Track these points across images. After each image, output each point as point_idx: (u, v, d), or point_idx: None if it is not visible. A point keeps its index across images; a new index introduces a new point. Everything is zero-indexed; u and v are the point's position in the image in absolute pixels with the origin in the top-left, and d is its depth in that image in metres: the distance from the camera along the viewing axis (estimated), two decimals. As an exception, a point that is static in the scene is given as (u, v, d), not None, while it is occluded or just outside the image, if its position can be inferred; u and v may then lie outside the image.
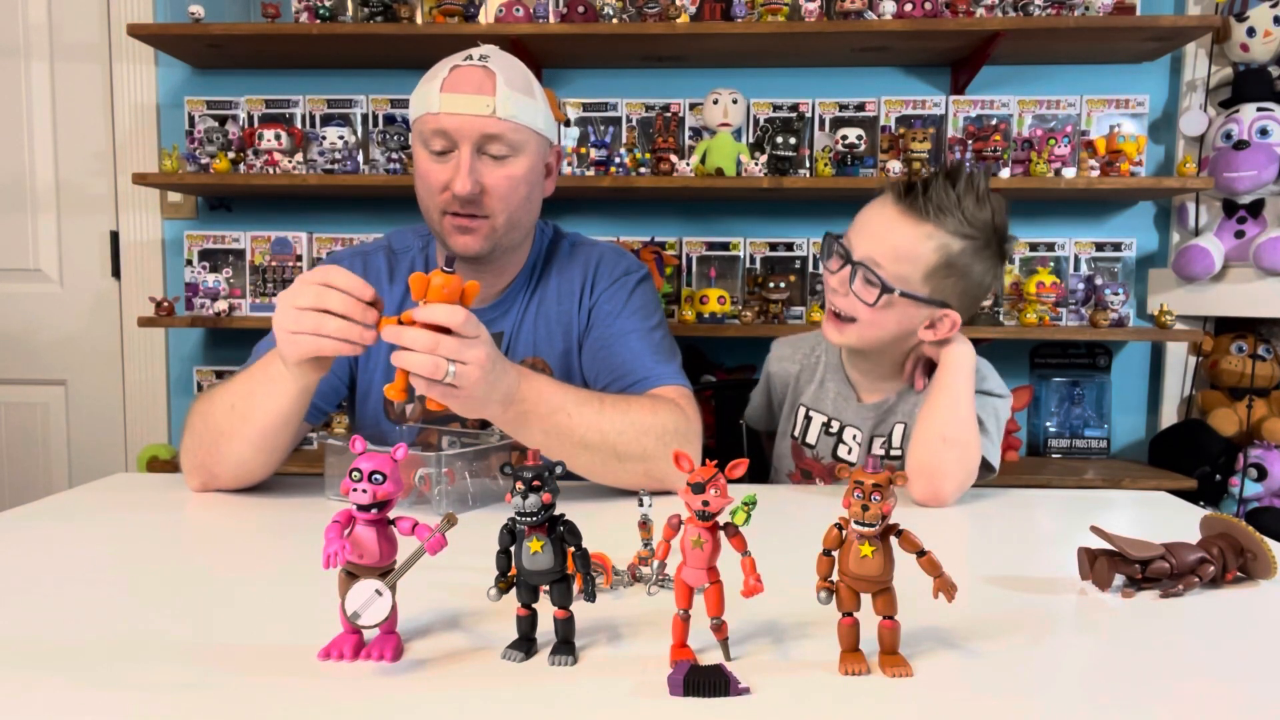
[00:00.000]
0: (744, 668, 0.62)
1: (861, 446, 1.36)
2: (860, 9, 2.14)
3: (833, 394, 1.39)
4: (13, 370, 2.61)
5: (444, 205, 1.18)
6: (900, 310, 1.22)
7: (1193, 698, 0.60)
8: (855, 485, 0.59)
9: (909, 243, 1.20)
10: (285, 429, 1.09)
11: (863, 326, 1.24)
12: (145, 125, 2.50)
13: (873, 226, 1.24)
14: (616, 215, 2.46)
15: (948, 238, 1.19)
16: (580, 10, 2.15)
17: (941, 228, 1.19)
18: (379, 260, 1.33)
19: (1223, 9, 2.25)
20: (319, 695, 0.58)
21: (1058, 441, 2.42)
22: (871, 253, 1.21)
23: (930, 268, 1.20)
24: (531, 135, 1.19)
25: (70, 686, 0.59)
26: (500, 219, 1.19)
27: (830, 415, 1.39)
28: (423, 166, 1.19)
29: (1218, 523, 0.85)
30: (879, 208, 1.25)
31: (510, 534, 0.64)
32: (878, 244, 1.21)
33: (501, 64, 1.17)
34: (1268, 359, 2.28)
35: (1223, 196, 2.28)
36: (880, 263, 1.20)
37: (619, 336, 1.27)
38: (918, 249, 1.20)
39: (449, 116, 1.14)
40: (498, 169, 1.17)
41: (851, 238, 1.25)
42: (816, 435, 1.41)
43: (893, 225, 1.21)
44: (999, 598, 0.79)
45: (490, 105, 1.14)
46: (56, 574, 0.84)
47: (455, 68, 1.16)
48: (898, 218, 1.21)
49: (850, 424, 1.37)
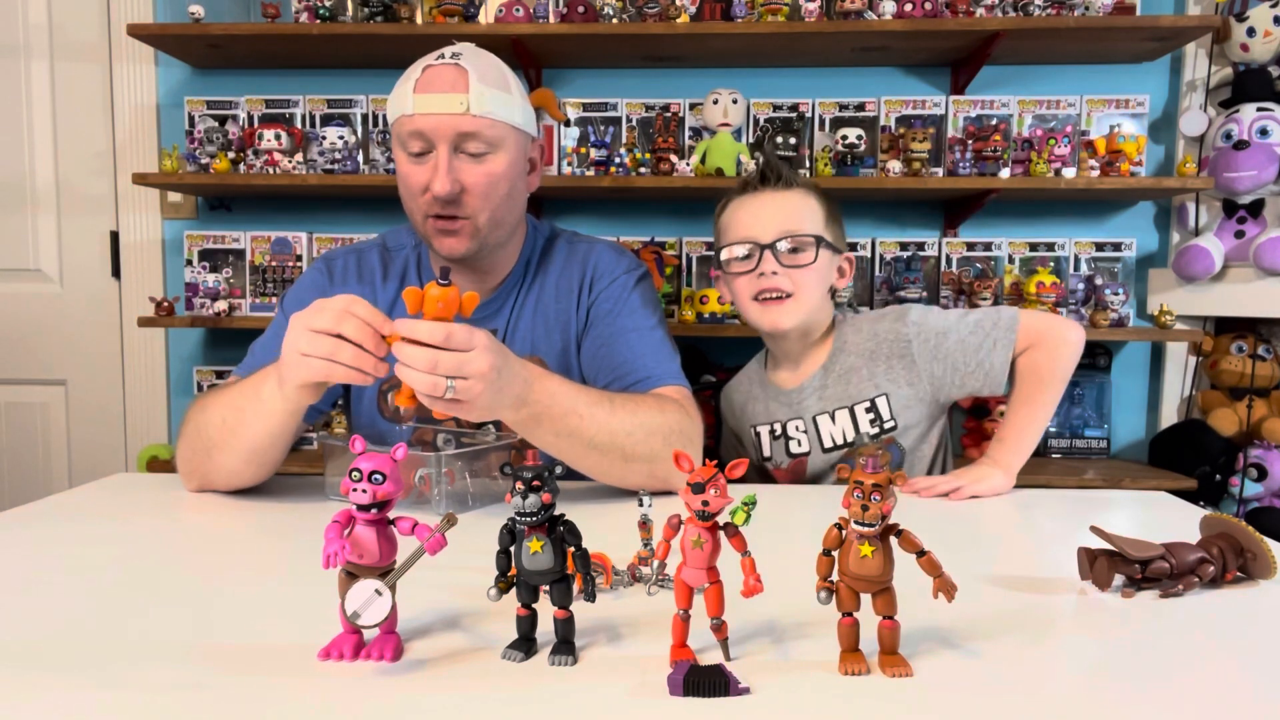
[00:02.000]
0: (744, 668, 0.62)
1: (809, 433, 1.40)
2: (860, 9, 2.14)
3: (765, 401, 1.46)
4: (13, 370, 2.61)
5: (426, 208, 1.17)
6: (822, 267, 1.33)
7: (1193, 698, 0.60)
8: (855, 485, 0.59)
9: (798, 204, 1.33)
10: (274, 446, 1.09)
11: (800, 298, 1.32)
12: (145, 125, 2.50)
13: (760, 211, 1.33)
14: (616, 215, 2.46)
15: (811, 194, 1.36)
16: (580, 10, 2.15)
17: (803, 188, 1.36)
18: (373, 258, 1.33)
19: (1223, 9, 2.25)
20: (319, 695, 0.58)
21: (1058, 441, 2.42)
22: (781, 227, 1.31)
23: (824, 219, 1.35)
24: (509, 131, 1.18)
25: (70, 686, 0.59)
26: (482, 217, 1.18)
27: (770, 421, 1.44)
28: (403, 169, 1.18)
29: (1218, 523, 0.85)
30: (750, 201, 1.35)
31: (510, 534, 0.65)
32: (779, 218, 1.32)
33: (474, 61, 1.16)
34: (1268, 359, 2.28)
35: (1223, 196, 2.28)
36: (792, 227, 1.31)
37: (619, 335, 1.27)
38: (807, 206, 1.34)
39: (423, 117, 1.13)
40: (476, 167, 1.16)
41: (743, 235, 1.33)
42: (769, 446, 1.45)
43: (775, 200, 1.33)
44: (999, 598, 0.79)
45: (464, 103, 1.12)
46: (56, 574, 0.84)
47: (428, 67, 1.14)
48: (773, 195, 1.34)
49: (789, 419, 1.41)
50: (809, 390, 1.40)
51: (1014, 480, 1.25)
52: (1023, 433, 1.28)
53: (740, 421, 1.50)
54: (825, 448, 1.39)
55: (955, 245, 2.34)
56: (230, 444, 1.08)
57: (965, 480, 1.22)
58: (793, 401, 1.41)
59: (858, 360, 1.37)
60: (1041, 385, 1.29)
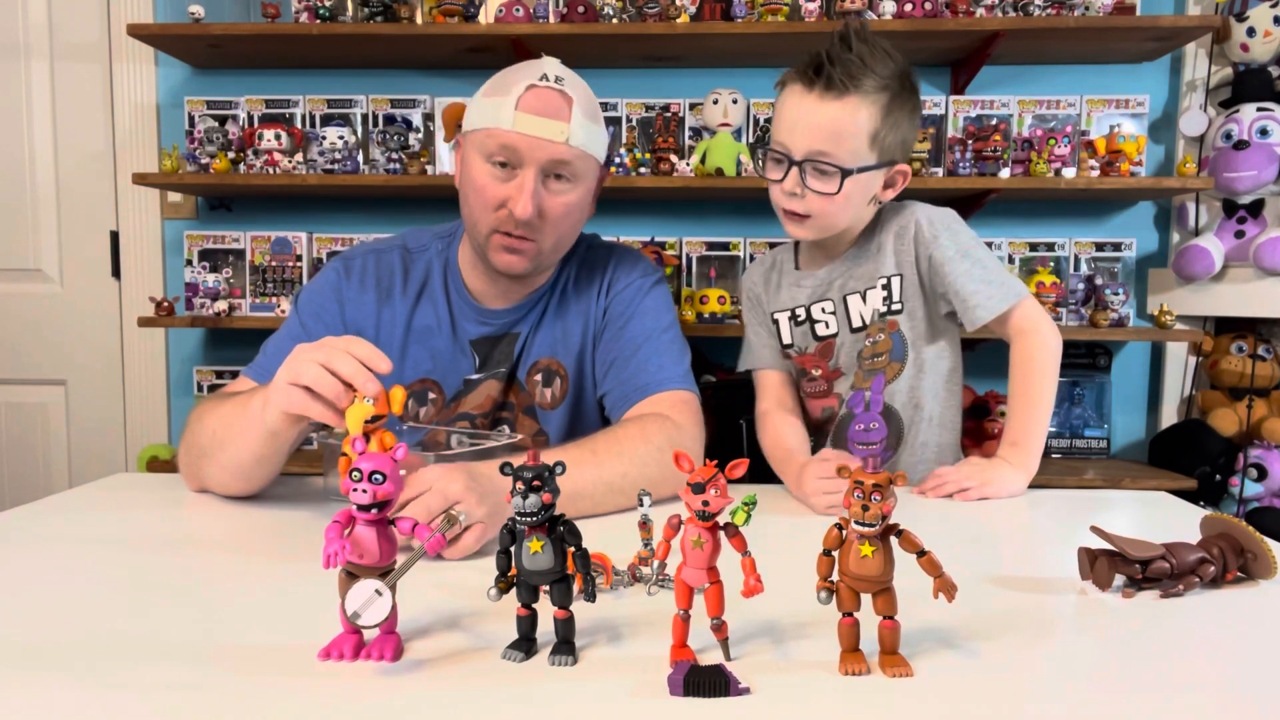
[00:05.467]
0: (744, 668, 0.62)
1: (838, 314, 1.35)
2: (860, 9, 2.14)
3: (788, 287, 1.40)
4: (13, 370, 2.61)
5: (496, 223, 1.17)
6: (860, 185, 1.24)
7: (1193, 698, 0.60)
8: (855, 485, 0.59)
9: (843, 121, 1.20)
10: (259, 466, 1.05)
11: (824, 215, 1.25)
12: (145, 125, 2.50)
13: (801, 119, 1.22)
14: (616, 215, 2.46)
15: (871, 102, 1.20)
16: (580, 10, 2.15)
17: (862, 94, 1.19)
18: (393, 259, 1.31)
19: (1223, 9, 2.25)
20: (319, 695, 0.58)
21: (1058, 441, 2.42)
22: (812, 146, 1.21)
23: (871, 134, 1.21)
24: (594, 164, 1.20)
25: (70, 686, 0.59)
26: (549, 243, 1.19)
27: (792, 306, 1.39)
28: (480, 180, 1.16)
29: (1218, 523, 0.85)
30: (798, 99, 1.23)
31: (510, 534, 0.64)
32: (814, 135, 1.21)
33: (576, 89, 1.16)
34: (1268, 359, 2.28)
35: (1223, 196, 2.28)
36: (825, 150, 1.20)
37: (628, 343, 1.27)
38: (853, 123, 1.20)
39: (522, 137, 1.12)
40: (558, 195, 1.16)
41: (782, 139, 1.24)
42: (789, 333, 1.40)
43: (819, 110, 1.20)
44: (999, 598, 0.79)
45: (565, 132, 1.13)
46: (56, 574, 0.84)
47: (532, 87, 1.13)
48: (820, 102, 1.20)
49: (813, 301, 1.37)
50: (838, 270, 1.35)
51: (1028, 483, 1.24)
52: (1033, 433, 1.26)
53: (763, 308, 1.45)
54: (854, 327, 1.35)
55: (955, 245, 2.33)
56: (218, 456, 1.07)
57: (976, 481, 1.20)
58: (820, 282, 1.36)
59: (885, 237, 1.33)
60: (1043, 376, 1.27)
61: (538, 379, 1.30)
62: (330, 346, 0.89)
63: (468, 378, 1.29)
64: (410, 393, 1.29)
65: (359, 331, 1.26)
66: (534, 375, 1.30)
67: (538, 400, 1.31)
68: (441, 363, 1.29)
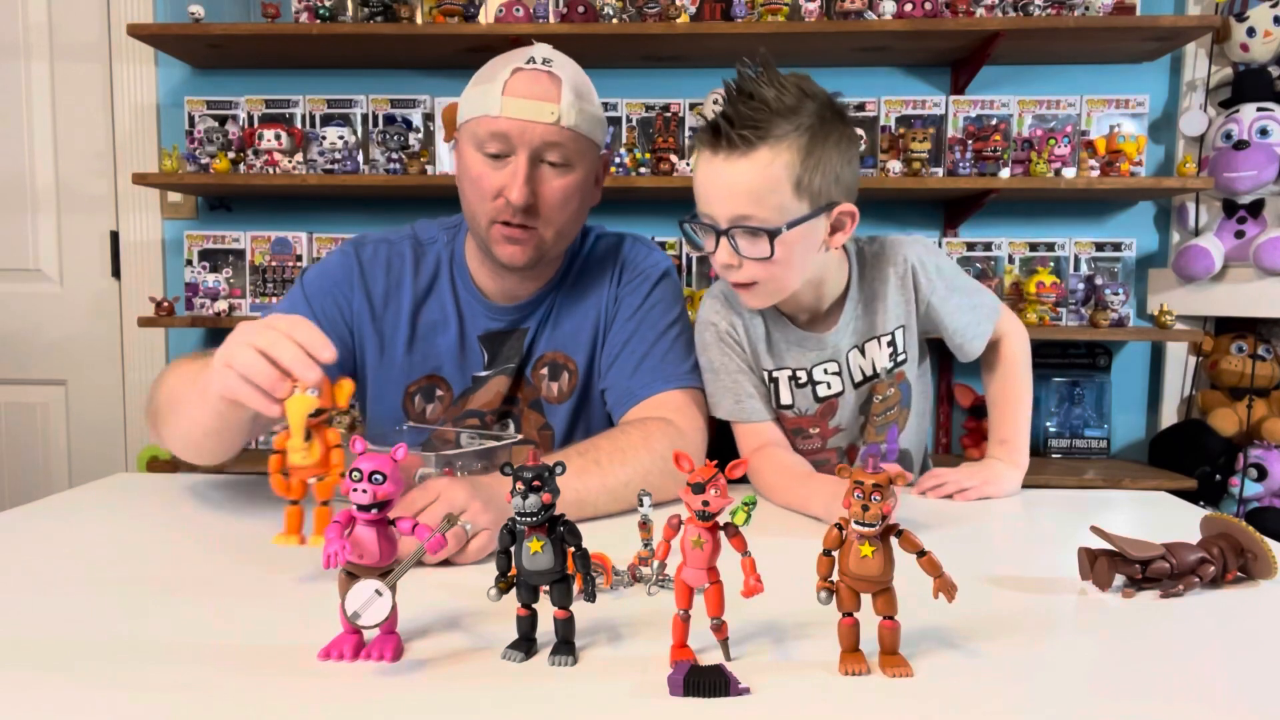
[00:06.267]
0: (744, 668, 0.62)
1: (842, 375, 1.28)
2: (860, 9, 2.14)
3: (791, 346, 1.28)
4: (13, 370, 2.61)
5: (495, 213, 1.15)
6: (798, 238, 1.11)
7: (1193, 698, 0.60)
8: (855, 485, 0.59)
9: (756, 178, 1.07)
10: (209, 439, 1.00)
11: (770, 280, 1.14)
12: (145, 125, 2.50)
13: (714, 186, 1.11)
14: (616, 215, 2.46)
15: (786, 148, 1.07)
16: (580, 10, 2.16)
17: (773, 143, 1.07)
18: (405, 248, 1.30)
19: (1223, 9, 2.26)
20: (319, 695, 0.58)
21: (1058, 441, 2.42)
22: (733, 210, 1.10)
23: (795, 183, 1.08)
24: (590, 145, 1.17)
25: (70, 686, 0.59)
26: (550, 230, 1.17)
27: (794, 366, 1.28)
28: (475, 170, 1.15)
29: (1218, 523, 0.85)
30: (706, 164, 1.12)
31: (510, 534, 0.64)
32: (732, 199, 1.09)
33: (565, 70, 1.14)
34: (1268, 359, 2.28)
35: (1223, 196, 2.28)
36: (747, 213, 1.09)
37: (629, 342, 1.26)
38: (768, 177, 1.07)
39: (510, 121, 1.10)
40: (554, 179, 1.14)
41: (703, 209, 1.15)
42: (789, 394, 1.30)
43: (728, 172, 1.09)
44: (999, 598, 0.79)
45: (555, 113, 1.11)
46: (56, 574, 0.84)
47: (518, 70, 1.12)
48: (727, 163, 1.09)
49: (816, 364, 1.28)
50: (843, 330, 1.26)
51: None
52: (1021, 430, 1.27)
53: (731, 356, 1.30)
54: (856, 382, 1.29)
55: (955, 245, 2.34)
56: (170, 420, 1.03)
57: (976, 480, 1.20)
58: (827, 344, 1.27)
59: (881, 287, 1.27)
60: (1023, 374, 1.30)
61: (544, 373, 1.29)
62: (271, 328, 0.82)
63: (476, 374, 1.28)
64: (418, 389, 1.28)
65: (361, 318, 1.25)
66: (540, 369, 1.29)
67: (544, 394, 1.30)
68: (449, 359, 1.28)
